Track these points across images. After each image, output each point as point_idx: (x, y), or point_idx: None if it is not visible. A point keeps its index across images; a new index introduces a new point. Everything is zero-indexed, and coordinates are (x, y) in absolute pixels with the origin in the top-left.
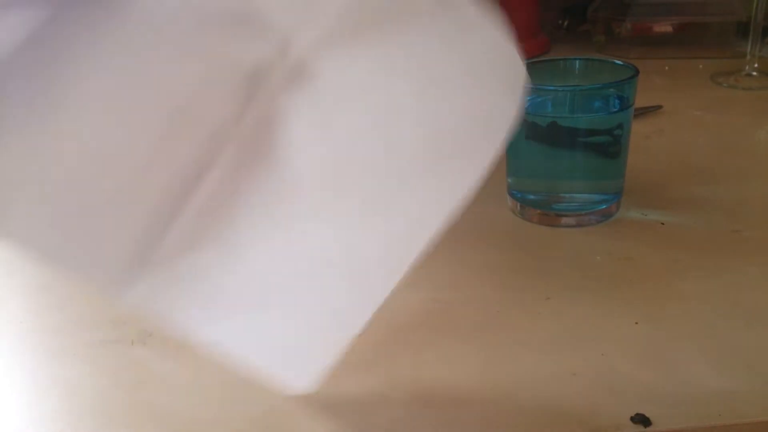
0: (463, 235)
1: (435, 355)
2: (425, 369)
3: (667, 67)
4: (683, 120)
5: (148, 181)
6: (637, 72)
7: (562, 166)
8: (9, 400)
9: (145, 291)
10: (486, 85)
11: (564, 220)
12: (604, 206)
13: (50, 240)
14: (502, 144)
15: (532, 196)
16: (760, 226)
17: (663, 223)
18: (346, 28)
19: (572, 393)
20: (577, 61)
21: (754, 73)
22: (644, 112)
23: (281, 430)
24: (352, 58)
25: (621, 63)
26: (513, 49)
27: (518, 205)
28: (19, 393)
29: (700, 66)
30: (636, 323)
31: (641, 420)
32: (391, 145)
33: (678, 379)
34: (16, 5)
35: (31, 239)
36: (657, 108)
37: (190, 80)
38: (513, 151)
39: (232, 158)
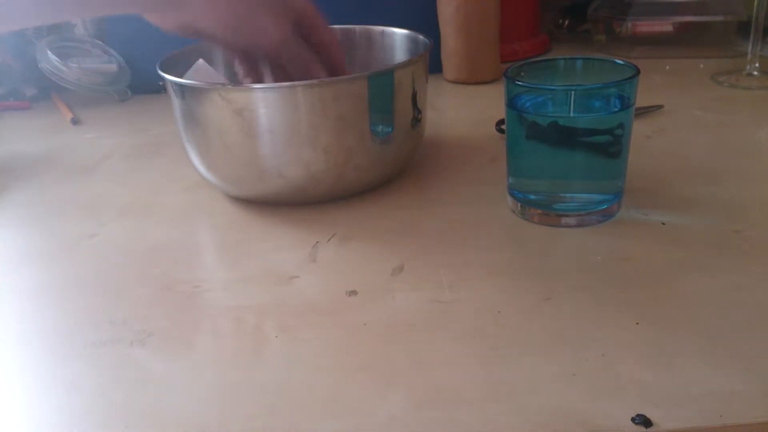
0: (463, 235)
1: (435, 355)
2: (425, 369)
3: (667, 67)
4: (684, 120)
5: None
6: (637, 71)
7: (562, 166)
8: (9, 401)
9: None
10: None
11: (564, 220)
12: (604, 206)
13: None
14: None
15: (532, 196)
16: (760, 226)
17: (664, 223)
18: None
19: (572, 393)
20: (578, 61)
21: (755, 73)
22: (645, 111)
23: (281, 430)
24: None
25: (622, 62)
26: None
27: (519, 205)
28: (19, 393)
29: (701, 66)
30: (637, 323)
31: (642, 421)
32: None
33: (678, 379)
34: None
35: None
36: (658, 108)
37: None
38: (513, 151)
39: None
